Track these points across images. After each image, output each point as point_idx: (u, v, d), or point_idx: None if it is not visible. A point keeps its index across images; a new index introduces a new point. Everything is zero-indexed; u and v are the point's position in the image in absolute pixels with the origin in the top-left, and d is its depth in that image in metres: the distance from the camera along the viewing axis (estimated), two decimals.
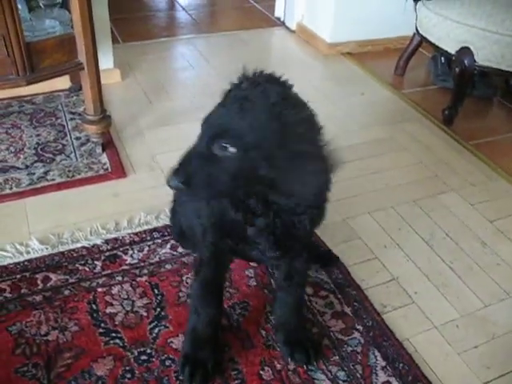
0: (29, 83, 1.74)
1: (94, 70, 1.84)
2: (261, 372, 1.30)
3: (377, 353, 1.36)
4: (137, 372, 1.28)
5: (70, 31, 1.82)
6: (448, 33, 2.30)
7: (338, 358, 1.35)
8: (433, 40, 2.41)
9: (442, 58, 2.74)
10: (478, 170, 2.13)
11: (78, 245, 1.63)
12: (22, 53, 1.68)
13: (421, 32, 2.48)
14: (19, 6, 1.77)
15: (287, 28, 3.23)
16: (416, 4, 2.48)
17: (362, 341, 1.39)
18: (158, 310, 1.44)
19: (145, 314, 1.43)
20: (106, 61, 2.45)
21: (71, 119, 2.24)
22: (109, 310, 1.43)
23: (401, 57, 2.83)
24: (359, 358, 1.35)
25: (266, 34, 3.15)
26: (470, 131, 2.38)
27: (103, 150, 2.03)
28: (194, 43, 2.97)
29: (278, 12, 3.32)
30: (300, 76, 2.70)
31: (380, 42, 3.08)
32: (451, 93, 2.44)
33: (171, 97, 2.42)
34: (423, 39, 2.52)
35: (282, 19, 3.29)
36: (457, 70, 2.30)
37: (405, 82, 2.82)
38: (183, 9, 3.48)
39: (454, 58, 2.32)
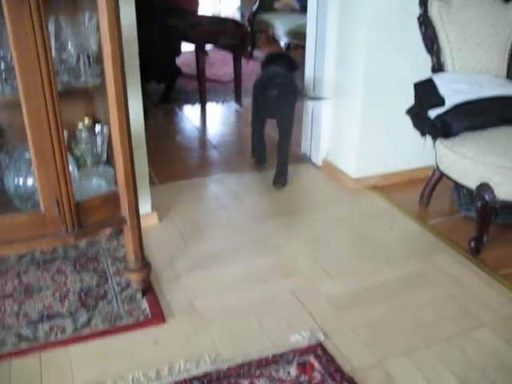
0: (76, 239, 1.88)
1: (136, 223, 1.98)
2: None
3: None
4: None
5: (114, 188, 1.98)
6: (467, 170, 2.42)
7: None
8: (453, 177, 2.53)
9: (465, 188, 2.85)
10: (509, 302, 2.15)
11: None
12: (71, 211, 1.83)
13: (441, 169, 2.61)
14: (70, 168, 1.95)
15: (313, 164, 3.41)
16: (435, 142, 2.63)
17: None
18: None
19: None
20: (144, 206, 2.60)
21: (112, 264, 2.37)
22: None
23: (425, 188, 2.94)
24: None
25: (293, 170, 3.30)
26: (498, 260, 2.43)
27: (143, 295, 2.13)
28: (226, 182, 3.15)
29: (304, 148, 3.52)
30: (327, 213, 2.83)
31: (404, 173, 3.22)
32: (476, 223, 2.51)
33: (206, 239, 2.55)
34: (444, 175, 2.64)
35: (308, 155, 3.48)
36: (478, 204, 2.39)
37: (430, 212, 2.91)
38: (214, 147, 3.70)
39: (474, 193, 2.42)
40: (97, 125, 2.15)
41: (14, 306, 2.11)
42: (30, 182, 1.94)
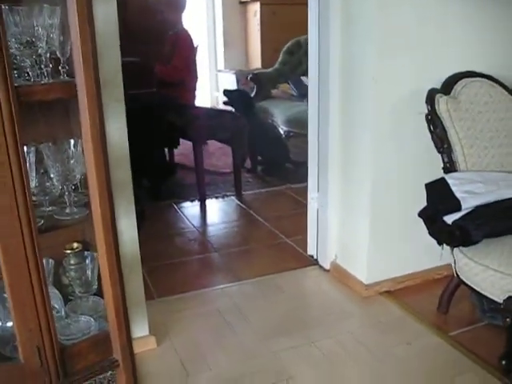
0: None
1: (130, 366, 1.77)
2: None
3: None
4: None
5: (104, 327, 1.77)
6: (492, 282, 2.20)
7: None
8: (476, 288, 2.30)
9: None
10: None
11: None
12: (55, 360, 1.62)
13: (462, 278, 2.40)
14: (56, 306, 1.76)
15: (321, 267, 3.20)
16: (452, 250, 2.44)
17: None
18: None
19: None
20: (140, 328, 2.39)
21: None
22: None
23: (443, 294, 2.73)
24: None
25: (300, 275, 3.11)
26: None
27: None
28: (229, 294, 2.92)
29: (311, 250, 3.32)
30: (338, 326, 2.60)
31: (418, 274, 3.01)
32: (505, 334, 2.28)
33: (209, 364, 2.30)
34: (465, 285, 2.43)
35: (315, 257, 3.28)
36: (508, 320, 2.16)
37: (450, 320, 2.68)
38: (215, 250, 3.51)
39: (502, 306, 2.20)
40: (86, 252, 1.96)
41: None
42: (9, 323, 1.73)
